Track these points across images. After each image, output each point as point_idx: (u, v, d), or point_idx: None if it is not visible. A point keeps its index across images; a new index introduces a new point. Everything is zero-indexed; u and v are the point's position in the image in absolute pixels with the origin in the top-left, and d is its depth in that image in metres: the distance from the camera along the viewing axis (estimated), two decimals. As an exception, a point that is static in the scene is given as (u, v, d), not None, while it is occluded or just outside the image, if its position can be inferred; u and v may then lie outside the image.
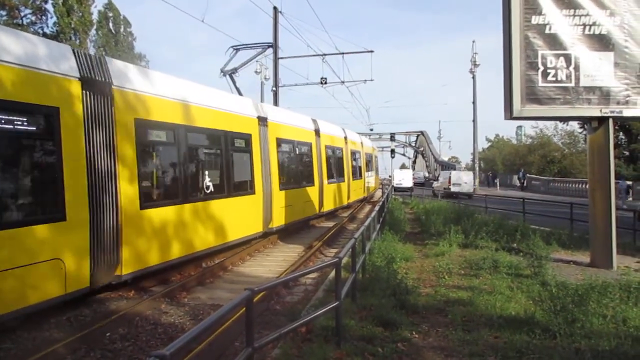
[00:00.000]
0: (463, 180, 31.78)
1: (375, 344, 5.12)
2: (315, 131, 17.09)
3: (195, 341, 4.43)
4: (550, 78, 9.25)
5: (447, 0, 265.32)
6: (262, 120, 12.47)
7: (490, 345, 5.17)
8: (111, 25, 43.10)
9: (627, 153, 35.95)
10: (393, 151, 60.19)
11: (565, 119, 23.77)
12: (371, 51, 27.28)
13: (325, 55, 25.97)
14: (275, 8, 21.97)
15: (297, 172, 15.22)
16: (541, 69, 9.26)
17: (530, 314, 6.00)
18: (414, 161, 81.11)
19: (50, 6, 36.88)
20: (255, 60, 14.81)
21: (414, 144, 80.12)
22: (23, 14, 36.22)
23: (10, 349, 5.71)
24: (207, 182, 9.85)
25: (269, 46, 14.68)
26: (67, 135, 6.55)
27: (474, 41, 39.39)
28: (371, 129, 60.65)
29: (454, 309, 6.46)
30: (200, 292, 8.28)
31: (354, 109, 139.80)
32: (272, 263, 10.78)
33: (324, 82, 27.77)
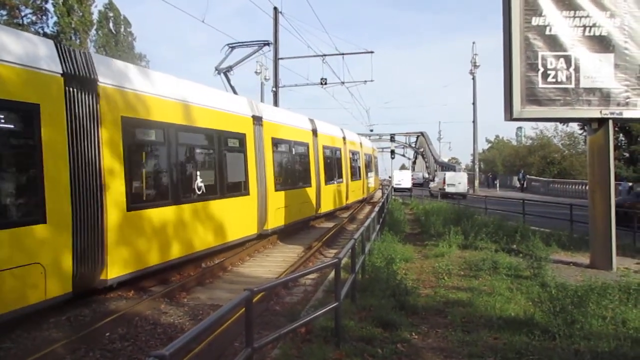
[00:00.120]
0: (457, 181, 33.07)
1: (375, 345, 5.13)
2: (313, 131, 16.88)
3: (195, 341, 4.43)
4: (550, 79, 9.26)
5: (447, 0, 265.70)
6: (257, 119, 12.23)
7: (489, 346, 5.17)
8: (111, 25, 43.10)
9: (627, 154, 35.90)
10: (393, 152, 60.10)
11: (565, 120, 23.77)
12: (371, 52, 27.45)
13: (325, 55, 26.04)
14: (275, 8, 22.04)
15: (294, 173, 14.97)
16: (541, 70, 9.27)
17: (529, 315, 6.01)
18: (414, 162, 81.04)
19: (50, 6, 36.96)
20: (251, 58, 14.39)
21: (414, 145, 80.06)
22: (23, 13, 36.24)
23: (10, 348, 5.71)
24: (199, 183, 9.59)
25: (265, 44, 14.36)
26: (48, 133, 6.27)
27: (474, 42, 39.85)
28: (371, 130, 60.70)
29: (454, 310, 6.46)
30: (199, 293, 8.28)
31: (354, 109, 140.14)
32: (272, 263, 10.77)
33: (324, 83, 27.80)
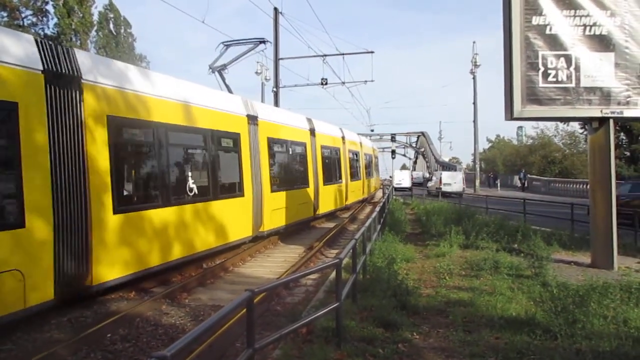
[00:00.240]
0: (453, 180, 34.61)
1: (376, 345, 5.13)
2: (311, 131, 16.57)
3: (196, 342, 4.43)
4: (550, 79, 9.25)
5: (447, 0, 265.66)
6: (252, 118, 11.88)
7: (491, 346, 5.17)
8: (112, 26, 43.19)
9: (628, 153, 35.86)
10: (394, 152, 60.24)
11: (565, 119, 23.72)
12: (371, 52, 27.44)
13: (325, 56, 26.04)
14: (275, 9, 22.07)
15: (291, 173, 14.57)
16: (542, 69, 9.26)
17: (531, 314, 6.00)
18: (415, 162, 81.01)
19: (50, 7, 37.06)
20: (247, 56, 13.97)
21: (414, 145, 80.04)
22: (24, 15, 36.37)
23: (11, 350, 5.71)
24: (190, 185, 9.27)
25: (261, 42, 14.11)
26: (27, 133, 6.03)
27: (474, 42, 39.96)
28: (372, 130, 60.76)
29: (455, 309, 6.46)
30: (201, 293, 8.28)
31: (355, 109, 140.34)
32: (273, 264, 10.77)
33: (325, 83, 27.81)
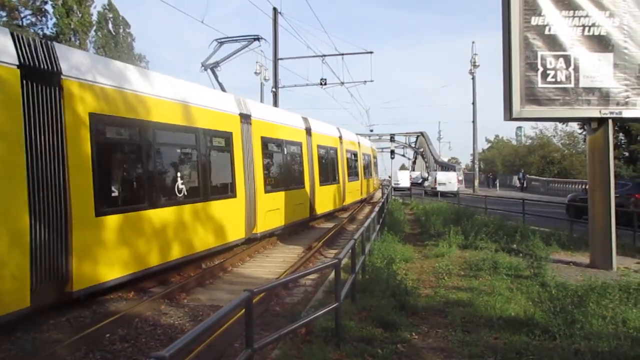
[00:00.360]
0: (448, 180, 36.10)
1: (375, 345, 5.13)
2: (306, 130, 16.32)
3: (195, 342, 4.44)
4: (549, 79, 9.26)
5: (447, 0, 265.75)
6: (245, 117, 11.59)
7: (489, 346, 5.17)
8: (111, 26, 43.09)
9: (627, 154, 35.83)
10: (393, 152, 60.07)
11: (564, 119, 23.78)
12: (371, 52, 27.40)
13: (324, 56, 26.00)
14: (274, 9, 22.03)
15: (286, 174, 14.25)
16: (541, 69, 9.27)
17: (529, 315, 6.01)
18: (414, 162, 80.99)
19: (50, 7, 36.99)
20: (241, 54, 13.84)
21: (413, 145, 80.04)
22: (23, 15, 36.29)
23: (10, 350, 5.69)
24: (179, 185, 8.99)
25: (256, 39, 13.99)
26: (1, 131, 5.80)
27: (473, 42, 40.16)
28: (371, 130, 60.66)
29: (454, 310, 6.46)
30: (199, 293, 8.28)
31: (354, 110, 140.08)
32: (272, 264, 10.77)
33: (324, 83, 27.79)
